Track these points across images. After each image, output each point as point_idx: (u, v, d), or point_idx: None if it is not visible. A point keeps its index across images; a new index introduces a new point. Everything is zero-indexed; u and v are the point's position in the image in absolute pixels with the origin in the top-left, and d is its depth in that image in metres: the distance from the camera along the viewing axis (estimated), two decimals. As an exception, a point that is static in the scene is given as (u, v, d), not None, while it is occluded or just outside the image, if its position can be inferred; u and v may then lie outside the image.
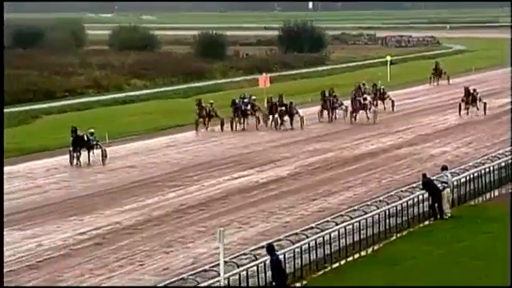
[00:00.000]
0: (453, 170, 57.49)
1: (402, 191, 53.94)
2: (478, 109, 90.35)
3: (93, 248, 49.17)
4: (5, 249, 48.54)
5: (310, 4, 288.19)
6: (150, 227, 52.64)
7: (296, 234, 45.09)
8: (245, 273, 40.00)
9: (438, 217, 52.74)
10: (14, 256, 47.27)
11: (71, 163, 70.89)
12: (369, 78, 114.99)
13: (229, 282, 38.26)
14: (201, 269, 39.64)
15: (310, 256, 43.99)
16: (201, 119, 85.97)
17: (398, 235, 49.93)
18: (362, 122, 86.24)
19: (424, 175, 54.25)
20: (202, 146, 79.32)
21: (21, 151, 76.56)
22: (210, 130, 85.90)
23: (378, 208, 49.80)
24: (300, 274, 42.89)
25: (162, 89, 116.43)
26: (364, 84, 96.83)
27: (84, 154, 71.84)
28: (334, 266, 44.92)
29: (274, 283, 37.85)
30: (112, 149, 76.88)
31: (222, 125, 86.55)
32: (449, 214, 53.01)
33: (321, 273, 43.80)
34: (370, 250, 47.40)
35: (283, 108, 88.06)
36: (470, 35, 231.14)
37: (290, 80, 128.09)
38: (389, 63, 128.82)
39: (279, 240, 43.66)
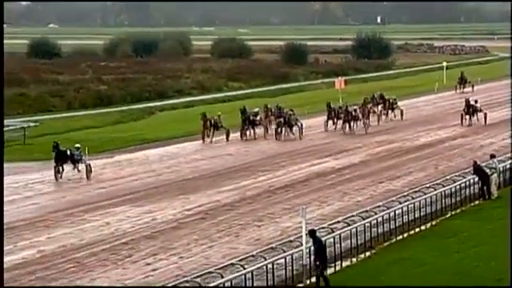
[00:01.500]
0: (499, 158, 57.05)
1: (455, 176, 53.58)
2: (478, 119, 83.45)
3: (197, 222, 49.56)
4: (126, 222, 48.91)
5: (379, 19, 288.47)
6: (245, 205, 52.81)
7: (366, 211, 45.07)
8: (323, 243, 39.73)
9: (487, 197, 52.40)
10: (133, 228, 47.52)
11: (56, 178, 61.48)
12: (424, 81, 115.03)
13: (310, 251, 38.11)
14: (286, 240, 39.54)
15: (377, 230, 43.93)
16: (206, 130, 77.22)
17: (453, 213, 49.70)
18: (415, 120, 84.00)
19: (475, 162, 53.75)
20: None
21: (140, 141, 76.66)
22: (214, 141, 77.59)
23: (435, 190, 49.50)
24: (370, 244, 42.85)
25: (255, 90, 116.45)
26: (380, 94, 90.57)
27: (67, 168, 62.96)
28: (399, 238, 44.80)
29: (317, 263, 37.02)
30: (216, 139, 76.79)
31: (227, 135, 77.60)
32: (496, 195, 52.62)
33: (387, 244, 43.71)
34: (428, 225, 47.20)
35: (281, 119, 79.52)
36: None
37: (361, 82, 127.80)
38: (445, 68, 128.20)
39: (352, 216, 43.64)
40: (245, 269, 35.94)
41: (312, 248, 37.56)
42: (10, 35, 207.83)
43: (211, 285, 34.17)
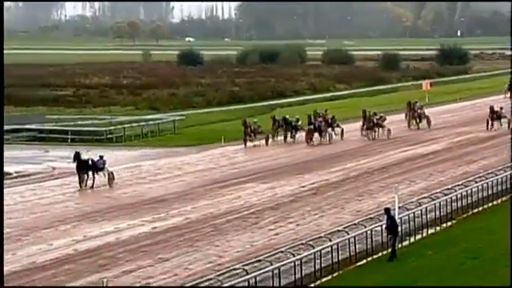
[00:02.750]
0: None
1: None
2: (501, 125, 75.67)
3: (310, 196, 49.47)
4: (253, 196, 49.16)
5: (459, 32, 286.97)
6: (349, 183, 52.88)
7: (448, 188, 44.84)
8: (412, 215, 39.89)
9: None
10: (258, 201, 47.80)
11: (80, 186, 52.38)
12: (495, 84, 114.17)
13: (401, 220, 38.02)
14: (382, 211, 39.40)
15: (457, 204, 43.60)
16: (247, 136, 69.05)
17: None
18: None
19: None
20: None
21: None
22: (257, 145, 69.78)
23: (505, 171, 49.05)
24: (451, 215, 42.54)
25: (356, 90, 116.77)
26: (416, 102, 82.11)
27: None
28: (475, 211, 44.54)
29: (390, 236, 36.28)
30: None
31: (266, 140, 69.22)
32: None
33: (465, 215, 43.39)
34: (499, 200, 46.71)
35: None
36: None
37: (443, 84, 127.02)
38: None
39: (436, 193, 43.45)
40: (348, 234, 36.09)
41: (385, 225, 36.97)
42: (163, 47, 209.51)
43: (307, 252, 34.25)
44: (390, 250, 36.18)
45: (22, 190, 52.93)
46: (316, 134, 70.12)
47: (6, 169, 54.10)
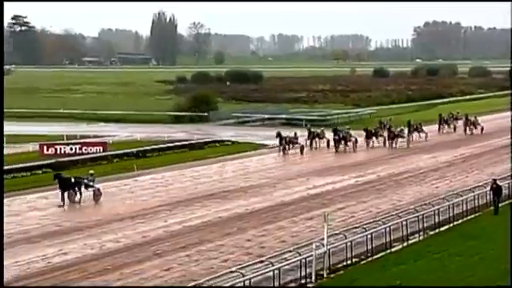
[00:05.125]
0: None
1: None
2: None
3: (460, 163, 47.79)
4: (421, 162, 48.49)
5: None
6: (486, 154, 51.73)
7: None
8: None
9: None
10: (425, 165, 47.28)
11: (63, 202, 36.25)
12: None
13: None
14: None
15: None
16: (281, 146, 53.57)
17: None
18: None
19: None
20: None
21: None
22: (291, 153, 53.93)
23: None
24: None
25: (491, 94, 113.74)
26: (458, 112, 69.57)
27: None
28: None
29: (495, 198, 33.55)
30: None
31: (301, 149, 53.48)
32: None
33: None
34: None
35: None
36: None
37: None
38: None
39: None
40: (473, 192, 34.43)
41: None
42: (363, 65, 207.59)
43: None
44: (495, 207, 33.67)
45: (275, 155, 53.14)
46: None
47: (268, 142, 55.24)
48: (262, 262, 23.32)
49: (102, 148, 54.36)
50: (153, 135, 64.10)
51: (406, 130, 59.09)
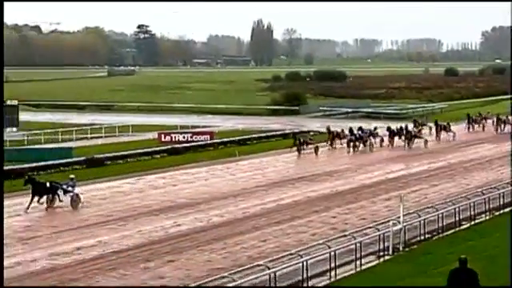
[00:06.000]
0: None
1: None
2: None
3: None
4: (487, 151, 46.54)
5: None
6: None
7: None
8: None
9: None
10: (490, 154, 45.85)
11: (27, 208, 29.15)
12: None
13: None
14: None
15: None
16: (295, 147, 47.13)
17: None
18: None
19: None
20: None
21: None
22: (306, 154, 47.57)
23: None
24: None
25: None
26: (488, 112, 63.64)
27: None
28: None
29: None
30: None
31: (316, 150, 46.99)
32: None
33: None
34: None
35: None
36: None
37: None
38: None
39: None
40: None
41: None
42: (435, 65, 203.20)
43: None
44: None
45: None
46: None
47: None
48: (345, 236, 23.10)
49: (209, 136, 54.98)
50: (252, 126, 64.41)
51: (433, 129, 54.40)
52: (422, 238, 25.17)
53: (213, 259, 22.38)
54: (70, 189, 30.01)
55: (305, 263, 19.94)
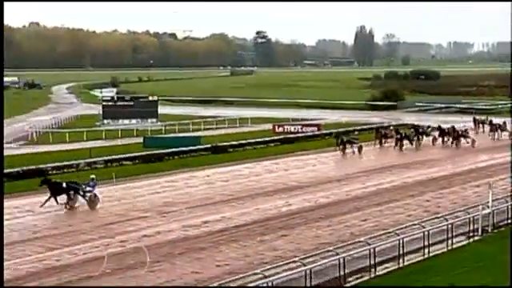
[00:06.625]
0: None
1: None
2: None
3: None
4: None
5: None
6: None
7: None
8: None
9: None
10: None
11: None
12: None
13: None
14: None
15: None
16: (341, 146, 41.72)
17: None
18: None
19: None
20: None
21: None
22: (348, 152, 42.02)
23: None
24: None
25: None
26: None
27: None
28: None
29: None
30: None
31: (359, 149, 41.62)
32: None
33: None
34: None
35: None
36: None
37: None
38: None
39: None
40: None
41: None
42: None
43: None
44: None
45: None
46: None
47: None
48: (437, 217, 22.51)
49: (316, 128, 54.75)
50: (354, 119, 63.60)
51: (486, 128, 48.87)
52: (509, 221, 24.01)
53: (319, 235, 22.29)
54: (88, 189, 25.96)
55: (401, 241, 19.61)
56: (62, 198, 26.12)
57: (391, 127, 47.62)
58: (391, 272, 18.40)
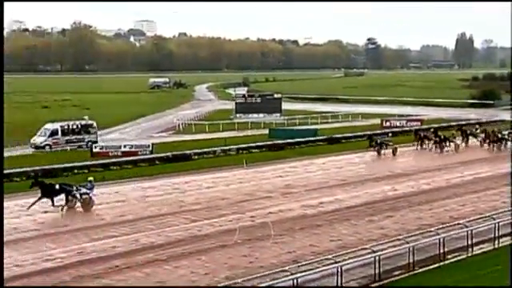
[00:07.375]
0: None
1: None
2: None
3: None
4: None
5: None
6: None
7: None
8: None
9: None
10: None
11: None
12: None
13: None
14: None
15: None
16: (374, 148, 35.84)
17: None
18: None
19: None
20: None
21: None
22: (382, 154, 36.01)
23: None
24: None
25: None
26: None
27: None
28: None
29: None
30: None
31: (393, 151, 35.76)
32: None
33: None
34: None
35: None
36: None
37: None
38: None
39: None
40: None
41: None
42: None
43: None
44: None
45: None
46: None
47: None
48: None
49: (419, 123, 53.02)
50: (452, 116, 60.78)
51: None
52: None
53: (422, 217, 21.52)
54: (84, 191, 22.29)
55: (496, 225, 18.55)
56: (60, 199, 22.27)
57: (431, 129, 41.37)
58: (486, 252, 17.55)
